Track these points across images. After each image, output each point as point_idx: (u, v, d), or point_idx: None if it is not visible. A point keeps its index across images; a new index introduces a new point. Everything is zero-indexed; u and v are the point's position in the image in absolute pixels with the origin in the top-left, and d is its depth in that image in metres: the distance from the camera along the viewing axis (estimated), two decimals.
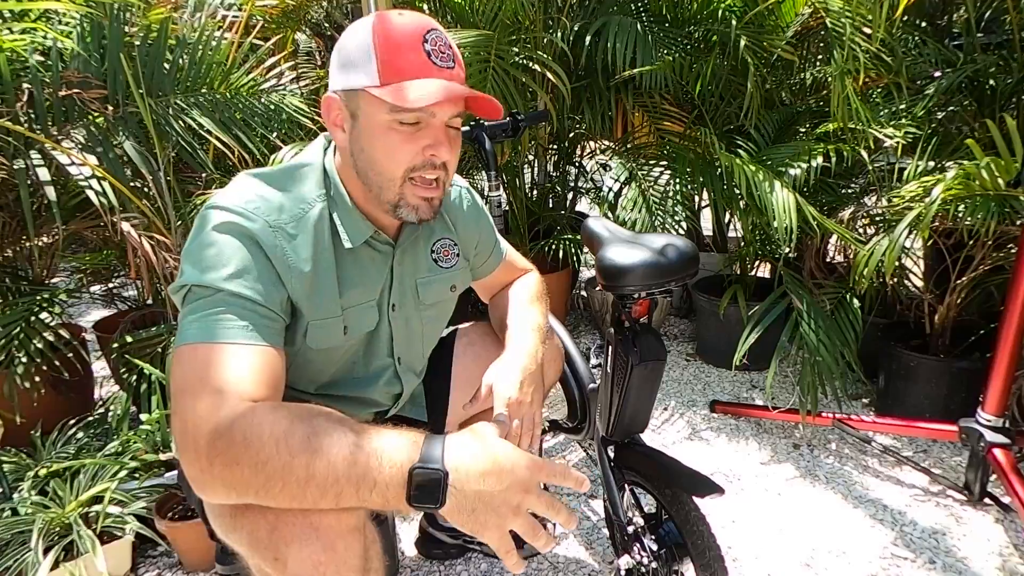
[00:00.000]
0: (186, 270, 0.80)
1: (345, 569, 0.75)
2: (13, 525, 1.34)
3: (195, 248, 0.81)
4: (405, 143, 0.84)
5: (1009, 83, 1.87)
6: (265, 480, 0.67)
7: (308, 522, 0.72)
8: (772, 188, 1.79)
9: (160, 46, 1.84)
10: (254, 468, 0.67)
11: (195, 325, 0.76)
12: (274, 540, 0.72)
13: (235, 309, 0.77)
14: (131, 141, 1.71)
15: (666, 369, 2.45)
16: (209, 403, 0.70)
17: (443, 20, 2.58)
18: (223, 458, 0.68)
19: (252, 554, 0.75)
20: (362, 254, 0.95)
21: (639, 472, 1.21)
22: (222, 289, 0.77)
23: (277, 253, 0.83)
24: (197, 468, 0.69)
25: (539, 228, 2.87)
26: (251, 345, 0.76)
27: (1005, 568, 1.43)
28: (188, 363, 0.74)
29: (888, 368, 2.03)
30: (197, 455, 0.69)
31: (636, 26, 2.23)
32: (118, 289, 2.53)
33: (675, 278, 1.09)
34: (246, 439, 0.67)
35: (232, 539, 0.78)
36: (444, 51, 0.83)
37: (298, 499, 0.68)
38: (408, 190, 0.87)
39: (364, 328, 0.97)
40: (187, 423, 0.70)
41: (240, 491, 0.69)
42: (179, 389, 0.73)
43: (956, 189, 1.48)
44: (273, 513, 0.72)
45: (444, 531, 1.49)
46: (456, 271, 1.09)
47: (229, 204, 0.83)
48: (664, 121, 2.50)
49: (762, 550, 1.51)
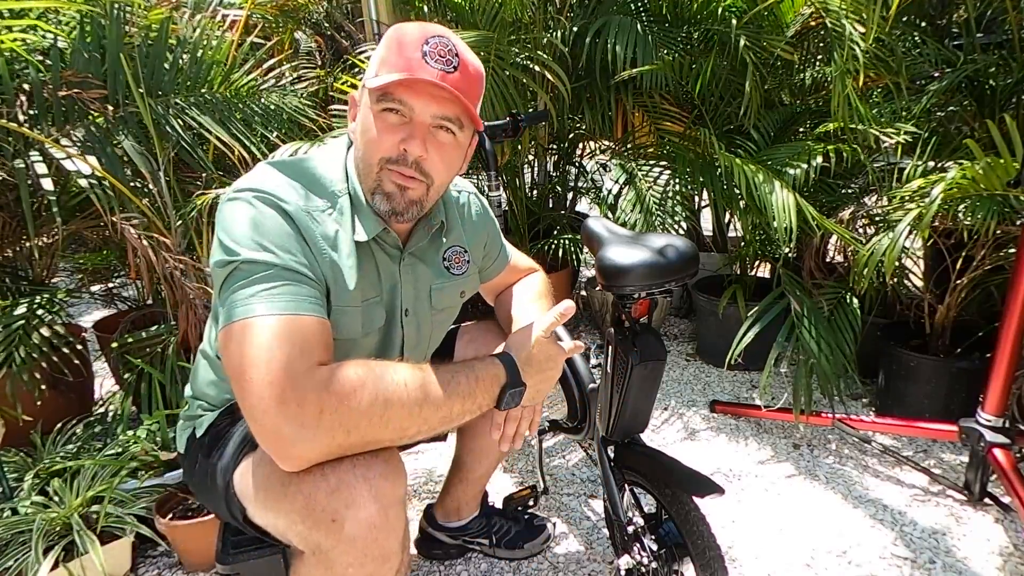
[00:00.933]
0: (230, 247, 0.80)
1: (392, 538, 0.80)
2: (13, 525, 1.33)
3: (236, 226, 0.82)
4: (384, 132, 0.87)
5: (1009, 83, 1.87)
6: (384, 404, 0.76)
7: (369, 486, 0.77)
8: (772, 188, 1.79)
9: (160, 46, 1.84)
10: (374, 396, 0.75)
11: (257, 299, 0.77)
12: (333, 501, 0.76)
13: (293, 285, 0.79)
14: (131, 141, 1.71)
15: (666, 369, 2.45)
16: (304, 359, 0.74)
17: (443, 20, 2.58)
18: (338, 397, 0.73)
19: (306, 518, 0.78)
20: (374, 252, 0.96)
21: (639, 472, 1.21)
22: (276, 265, 0.79)
23: (310, 235, 0.85)
24: (298, 421, 0.72)
25: (539, 228, 2.87)
26: (313, 317, 0.79)
27: (1005, 568, 1.43)
28: (261, 334, 0.75)
29: (888, 368, 2.03)
30: (304, 403, 0.72)
31: (636, 26, 2.23)
32: (118, 289, 2.53)
33: (675, 278, 1.09)
34: (360, 376, 0.75)
35: (279, 508, 0.81)
36: (443, 54, 0.85)
37: (411, 418, 0.79)
38: (384, 176, 0.89)
39: (375, 325, 0.98)
40: (282, 380, 0.72)
41: (352, 425, 0.74)
42: (256, 358, 0.73)
43: (956, 189, 1.48)
44: (335, 476, 0.77)
45: (444, 531, 1.49)
46: (466, 278, 1.12)
47: (262, 187, 0.85)
48: (664, 121, 2.50)
49: (762, 550, 1.51)
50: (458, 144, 0.92)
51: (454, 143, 0.91)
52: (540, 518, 1.56)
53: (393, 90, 0.85)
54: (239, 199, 0.84)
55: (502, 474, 1.84)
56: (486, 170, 1.61)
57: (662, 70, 2.18)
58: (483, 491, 1.51)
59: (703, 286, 2.56)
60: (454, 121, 0.88)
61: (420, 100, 0.85)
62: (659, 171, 2.35)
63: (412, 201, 0.91)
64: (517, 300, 1.20)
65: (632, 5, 2.45)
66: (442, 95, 0.85)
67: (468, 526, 1.49)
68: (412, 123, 0.87)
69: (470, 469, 1.42)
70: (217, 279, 0.82)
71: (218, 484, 0.94)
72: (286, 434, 0.72)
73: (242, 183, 0.86)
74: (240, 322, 0.76)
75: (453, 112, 0.88)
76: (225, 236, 0.82)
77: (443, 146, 0.89)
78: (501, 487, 1.77)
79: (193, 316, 1.68)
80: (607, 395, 1.21)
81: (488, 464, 1.42)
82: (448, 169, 0.93)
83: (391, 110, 0.86)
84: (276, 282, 0.78)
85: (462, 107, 0.87)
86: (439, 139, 0.89)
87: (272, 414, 0.72)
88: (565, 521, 1.63)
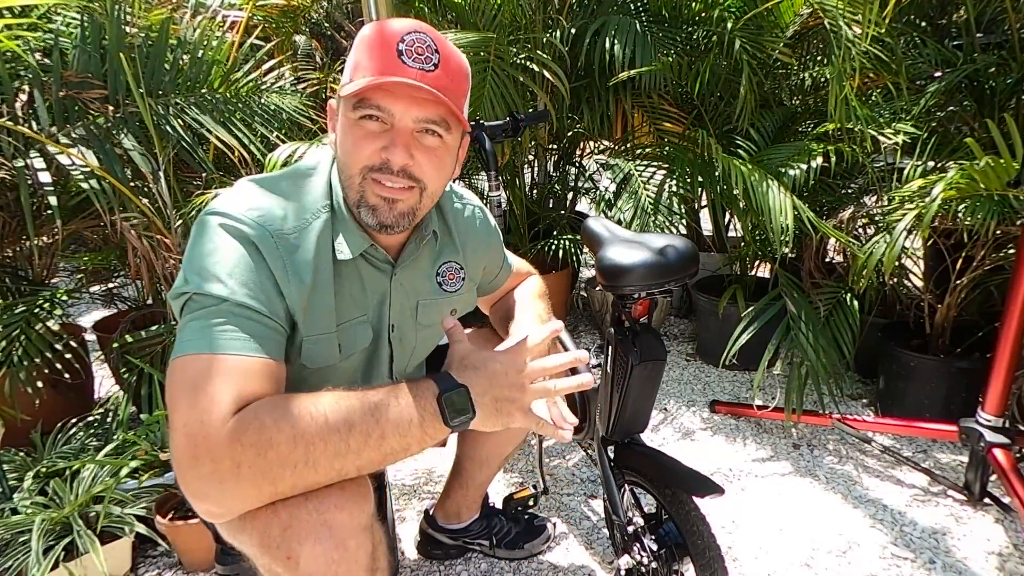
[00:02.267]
0: (187, 277, 0.77)
1: (356, 567, 0.76)
2: (13, 525, 1.33)
3: (196, 255, 0.78)
4: (363, 140, 0.81)
5: (1009, 83, 1.87)
6: (306, 447, 0.68)
7: (322, 520, 0.72)
8: (768, 190, 1.79)
9: (161, 46, 1.84)
10: (292, 441, 0.68)
11: (197, 335, 0.73)
12: (287, 538, 0.72)
13: (239, 320, 0.75)
14: (131, 140, 1.71)
15: (666, 369, 2.45)
16: (220, 408, 0.68)
17: (443, 20, 2.58)
18: (254, 448, 0.67)
19: (263, 553, 0.74)
20: (360, 268, 0.91)
21: (639, 472, 1.21)
22: (226, 299, 0.75)
23: (278, 263, 0.80)
24: (217, 478, 0.67)
25: (539, 228, 2.87)
26: (255, 357, 0.74)
27: (1005, 568, 1.43)
28: (191, 373, 0.71)
29: (888, 368, 2.03)
30: (218, 459, 0.67)
31: (635, 25, 2.23)
32: (118, 289, 2.53)
33: (675, 278, 1.09)
34: (275, 420, 0.68)
35: (241, 540, 0.77)
36: (421, 52, 0.78)
37: (341, 456, 0.70)
38: (368, 187, 0.83)
39: (358, 346, 0.94)
40: (196, 435, 0.67)
41: (275, 475, 0.68)
42: (181, 399, 0.70)
43: (956, 189, 1.48)
44: (286, 511, 0.72)
45: (444, 533, 1.49)
46: (459, 295, 1.06)
47: (230, 211, 0.80)
48: (664, 121, 2.50)
49: (762, 550, 1.51)
50: (446, 147, 0.85)
51: (442, 146, 0.84)
52: (540, 518, 1.56)
53: (370, 95, 0.79)
54: (206, 223, 0.80)
55: (502, 474, 1.84)
56: (486, 170, 1.61)
57: (661, 70, 2.18)
58: (484, 495, 1.51)
59: (703, 286, 2.56)
60: (439, 124, 0.82)
61: (400, 104, 0.79)
62: (655, 171, 2.35)
63: (402, 213, 0.85)
64: (517, 302, 1.18)
65: (632, 5, 2.45)
66: (423, 97, 0.79)
67: (468, 528, 1.49)
68: (393, 130, 0.81)
69: (471, 476, 1.41)
70: (175, 309, 0.79)
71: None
72: (208, 493, 0.68)
73: (215, 204, 0.82)
74: (178, 359, 0.73)
75: (437, 114, 0.81)
76: (186, 263, 0.79)
77: (430, 150, 0.83)
78: (501, 487, 1.77)
79: None
80: (607, 395, 1.21)
81: (489, 472, 1.41)
82: (439, 173, 0.86)
83: (369, 116, 0.80)
84: (221, 318, 0.74)
85: (446, 108, 0.81)
86: (425, 143, 0.83)
87: (189, 472, 0.68)
88: (565, 521, 1.63)
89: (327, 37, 3.44)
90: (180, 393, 0.71)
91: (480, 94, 2.10)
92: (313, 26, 3.44)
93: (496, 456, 1.38)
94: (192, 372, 0.71)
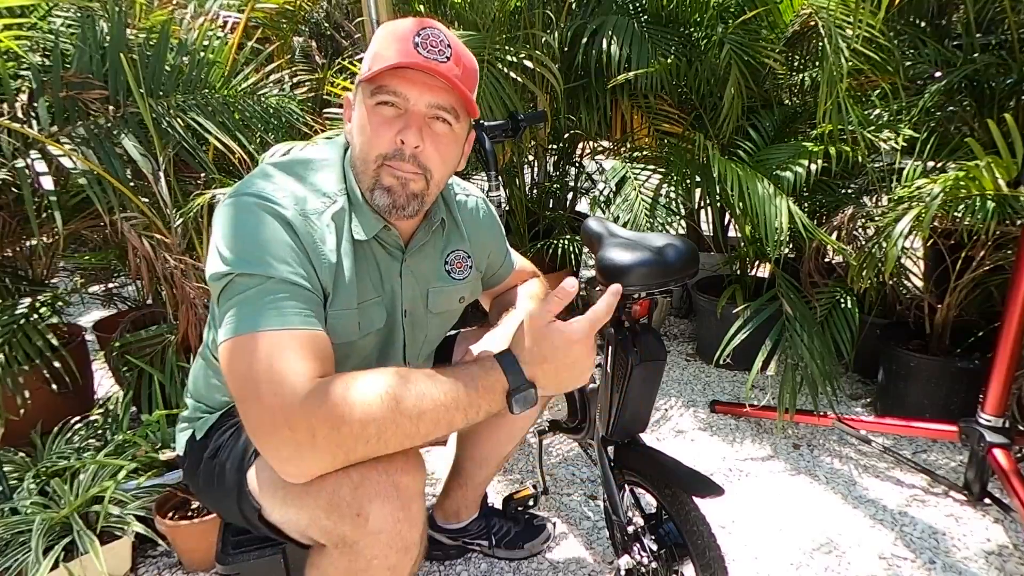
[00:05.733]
0: (226, 257, 0.80)
1: (415, 529, 0.81)
2: (13, 525, 1.33)
3: (232, 235, 0.81)
4: (381, 126, 0.86)
5: (1009, 83, 1.87)
6: (378, 428, 0.73)
7: (391, 481, 0.78)
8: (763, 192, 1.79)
9: (161, 47, 1.84)
10: (364, 421, 0.72)
11: (251, 314, 0.76)
12: (358, 496, 0.76)
13: (287, 297, 0.78)
14: (132, 141, 1.71)
15: (666, 369, 2.45)
16: (290, 383, 0.72)
17: (442, 20, 2.58)
18: (328, 422, 0.71)
19: (330, 514, 0.78)
20: (375, 251, 0.96)
21: (639, 472, 1.21)
22: (271, 277, 0.79)
23: (308, 240, 0.84)
24: (293, 446, 0.72)
25: (539, 228, 2.87)
26: (309, 330, 0.78)
27: (1005, 568, 1.43)
28: (252, 352, 0.75)
29: (888, 368, 2.03)
30: (294, 430, 0.71)
31: (633, 26, 2.22)
32: (118, 289, 2.53)
33: (675, 278, 1.09)
34: (347, 399, 0.72)
35: (301, 504, 0.80)
36: (435, 44, 0.84)
37: (410, 436, 0.75)
38: (384, 171, 0.88)
39: (374, 325, 0.98)
40: (273, 406, 0.72)
41: (349, 448, 0.73)
42: (249, 379, 0.74)
43: (956, 189, 1.48)
44: (357, 472, 0.77)
45: (443, 533, 1.49)
46: (467, 283, 1.11)
47: (260, 191, 0.84)
48: (662, 122, 2.50)
49: (762, 550, 1.51)
50: (455, 136, 0.90)
51: (450, 134, 0.90)
52: (540, 518, 1.56)
53: (387, 81, 0.84)
54: (238, 204, 0.83)
55: (502, 474, 1.84)
56: (486, 170, 1.61)
57: (658, 71, 2.18)
58: (483, 494, 1.51)
59: (703, 286, 2.56)
60: (450, 111, 0.87)
61: (415, 89, 0.85)
62: (651, 174, 2.35)
63: (413, 194, 0.89)
64: (519, 297, 1.21)
65: (630, 6, 2.45)
66: (436, 84, 0.85)
67: (468, 528, 1.49)
68: (407, 114, 0.86)
69: (470, 475, 1.42)
70: (214, 291, 0.82)
71: (227, 484, 0.94)
72: (286, 455, 0.73)
73: (243, 186, 0.86)
74: (234, 339, 0.76)
75: (448, 101, 0.87)
76: (221, 245, 0.81)
77: (439, 137, 0.88)
78: (501, 487, 1.77)
79: (193, 316, 1.69)
80: (607, 395, 1.21)
81: (488, 471, 1.41)
82: (445, 162, 0.91)
83: (386, 103, 0.85)
84: (271, 296, 0.78)
85: (458, 95, 0.86)
86: (435, 130, 0.88)
87: (267, 437, 0.73)
88: (565, 521, 1.63)
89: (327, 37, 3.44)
90: (246, 370, 0.74)
91: (479, 93, 2.10)
92: (313, 26, 3.43)
93: (496, 455, 1.38)
94: (255, 350, 0.75)
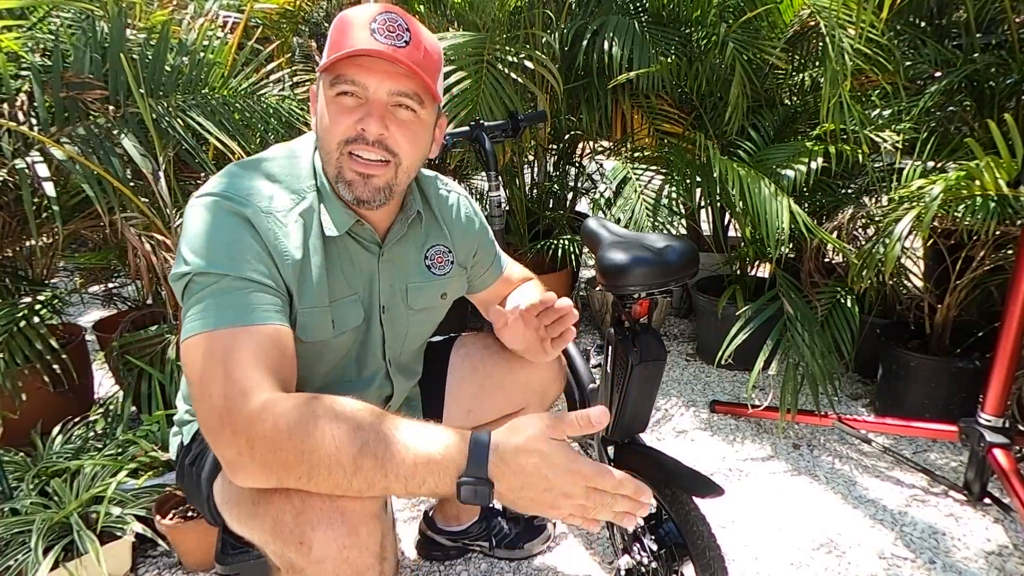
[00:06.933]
0: (187, 258, 0.79)
1: (366, 553, 0.77)
2: (13, 525, 1.33)
3: (192, 236, 0.81)
4: (340, 114, 0.83)
5: (1008, 83, 1.87)
6: (309, 468, 0.69)
7: (335, 506, 0.73)
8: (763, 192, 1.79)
9: (161, 48, 1.84)
10: (299, 456, 0.69)
11: (207, 312, 0.76)
12: (300, 524, 0.73)
13: (244, 293, 0.78)
14: (132, 141, 1.71)
15: (666, 369, 2.45)
16: (240, 388, 0.71)
17: (442, 19, 2.58)
18: (267, 443, 0.69)
19: (275, 539, 0.75)
20: (349, 247, 0.94)
21: (639, 472, 1.21)
22: (227, 275, 0.78)
23: (269, 237, 0.83)
24: (235, 450, 0.71)
25: (539, 228, 2.87)
26: (267, 325, 0.77)
27: (1005, 568, 1.43)
28: (207, 350, 0.74)
29: (888, 368, 2.03)
30: (235, 437, 0.70)
31: (633, 25, 2.22)
32: (118, 289, 2.53)
33: (675, 278, 1.09)
34: (290, 428, 0.69)
35: (252, 526, 0.79)
36: (393, 29, 0.81)
37: (341, 488, 0.70)
38: (345, 163, 0.86)
39: (350, 324, 0.96)
40: (220, 408, 0.71)
41: (281, 474, 0.71)
42: (202, 378, 0.73)
43: (956, 189, 1.48)
44: (299, 498, 0.73)
45: (444, 535, 1.49)
46: (448, 279, 1.08)
47: (221, 191, 0.84)
48: (663, 122, 2.50)
49: (762, 550, 1.51)
50: (421, 122, 0.87)
51: (416, 120, 0.87)
52: (540, 518, 1.56)
53: (344, 70, 0.82)
54: (199, 205, 0.83)
55: None
56: (486, 170, 1.61)
57: (659, 71, 2.18)
58: None
59: (703, 286, 2.56)
60: (412, 97, 0.84)
61: (373, 77, 0.82)
62: (653, 173, 2.35)
63: (378, 188, 0.87)
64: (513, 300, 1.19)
65: (631, 6, 2.45)
66: (396, 70, 0.82)
67: (468, 530, 1.49)
68: (368, 103, 0.83)
69: None
70: (176, 292, 0.81)
71: (202, 493, 0.94)
72: (228, 458, 0.72)
73: (207, 186, 0.85)
74: (192, 338, 0.75)
75: (410, 87, 0.84)
76: (184, 245, 0.81)
77: (404, 123, 0.85)
78: None
79: None
80: (607, 395, 1.21)
81: None
82: (414, 147, 0.88)
83: (345, 93, 0.83)
84: (228, 294, 0.77)
85: (419, 81, 0.83)
86: (399, 117, 0.85)
87: (213, 436, 0.72)
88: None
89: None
90: (201, 369, 0.73)
91: (478, 93, 2.10)
92: (313, 26, 3.43)
93: None
94: (210, 348, 0.74)
